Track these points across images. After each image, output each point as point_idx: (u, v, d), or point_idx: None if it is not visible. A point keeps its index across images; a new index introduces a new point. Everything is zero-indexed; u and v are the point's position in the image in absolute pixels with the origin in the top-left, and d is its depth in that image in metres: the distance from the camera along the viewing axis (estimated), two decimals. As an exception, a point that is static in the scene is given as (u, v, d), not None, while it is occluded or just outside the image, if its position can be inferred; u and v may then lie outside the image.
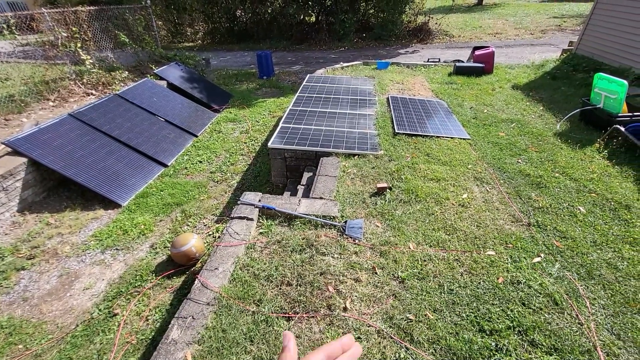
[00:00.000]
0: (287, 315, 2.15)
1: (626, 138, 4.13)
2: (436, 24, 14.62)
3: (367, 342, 1.99)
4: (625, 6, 6.57)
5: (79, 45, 6.75)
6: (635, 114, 4.47)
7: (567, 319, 2.12)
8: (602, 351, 1.93)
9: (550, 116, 5.38)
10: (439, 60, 8.98)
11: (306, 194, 3.60)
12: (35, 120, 5.30)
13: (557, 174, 3.73)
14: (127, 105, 5.72)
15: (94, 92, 6.52)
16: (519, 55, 10.10)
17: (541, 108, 5.71)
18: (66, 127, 4.65)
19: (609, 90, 4.61)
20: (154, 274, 3.22)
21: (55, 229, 3.83)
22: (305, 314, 2.15)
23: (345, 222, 2.91)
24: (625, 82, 4.45)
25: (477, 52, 7.88)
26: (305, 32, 13.87)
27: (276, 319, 2.12)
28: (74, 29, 6.75)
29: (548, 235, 2.85)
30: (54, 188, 4.49)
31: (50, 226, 3.89)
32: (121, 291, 3.05)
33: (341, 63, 9.26)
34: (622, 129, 4.19)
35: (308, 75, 7.27)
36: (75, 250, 3.55)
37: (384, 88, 6.68)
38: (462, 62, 8.42)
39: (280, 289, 2.35)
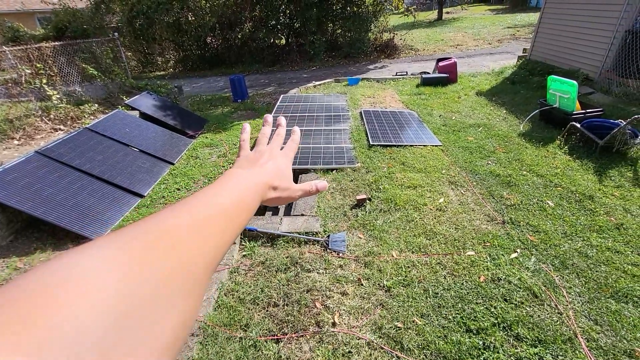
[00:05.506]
0: (275, 337, 2.11)
1: (583, 133, 4.43)
2: (401, 39, 15.36)
3: (358, 355, 1.97)
4: (567, 14, 7.19)
5: (44, 81, 6.59)
6: (588, 110, 4.82)
7: (547, 310, 2.19)
8: (582, 337, 2.00)
9: (513, 118, 5.70)
10: (407, 73, 9.39)
11: (287, 212, 3.60)
12: (-1, 160, 5.06)
13: (524, 172, 3.93)
14: (98, 138, 5.59)
15: (62, 127, 6.34)
16: (480, 64, 10.72)
17: (504, 111, 6.05)
18: (33, 165, 4.48)
19: (562, 91, 4.96)
20: (134, 310, 3.08)
21: (25, 273, 3.61)
22: (294, 333, 2.12)
23: (328, 236, 2.92)
24: (575, 82, 4.81)
25: (441, 64, 8.32)
26: (276, 55, 14.19)
27: (265, 343, 2.07)
28: (38, 65, 6.61)
29: (522, 231, 2.97)
30: (22, 230, 4.26)
31: (19, 271, 3.66)
32: (100, 332, 2.89)
33: (313, 82, 9.50)
34: (578, 125, 4.49)
35: (282, 95, 7.41)
36: (48, 294, 3.35)
37: (356, 103, 6.88)
38: (428, 73, 8.84)
39: (267, 310, 2.30)
